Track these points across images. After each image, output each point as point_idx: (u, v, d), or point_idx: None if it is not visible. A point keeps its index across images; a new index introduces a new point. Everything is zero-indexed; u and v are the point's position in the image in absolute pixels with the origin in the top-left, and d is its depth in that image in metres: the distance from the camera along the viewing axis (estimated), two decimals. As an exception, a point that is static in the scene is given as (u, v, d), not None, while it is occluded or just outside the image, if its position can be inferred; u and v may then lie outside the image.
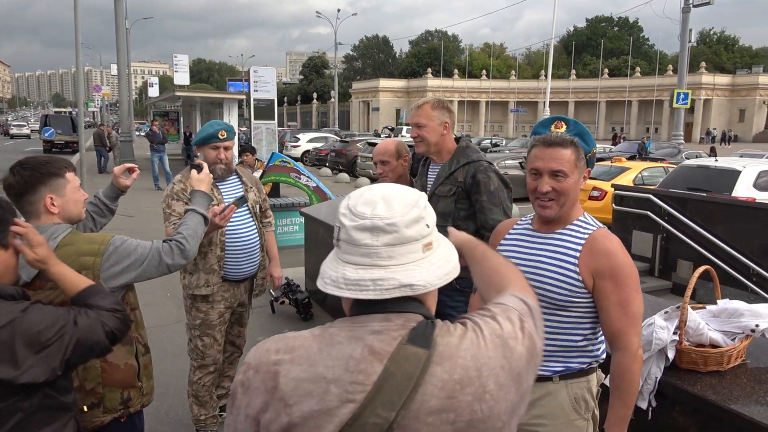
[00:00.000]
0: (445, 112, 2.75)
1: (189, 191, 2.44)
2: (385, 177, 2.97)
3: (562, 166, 1.73)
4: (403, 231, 0.96)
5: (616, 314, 1.74)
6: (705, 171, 9.58)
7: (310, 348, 0.98)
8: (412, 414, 0.91)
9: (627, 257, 1.77)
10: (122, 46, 20.06)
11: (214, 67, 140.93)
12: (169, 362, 4.30)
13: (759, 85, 59.49)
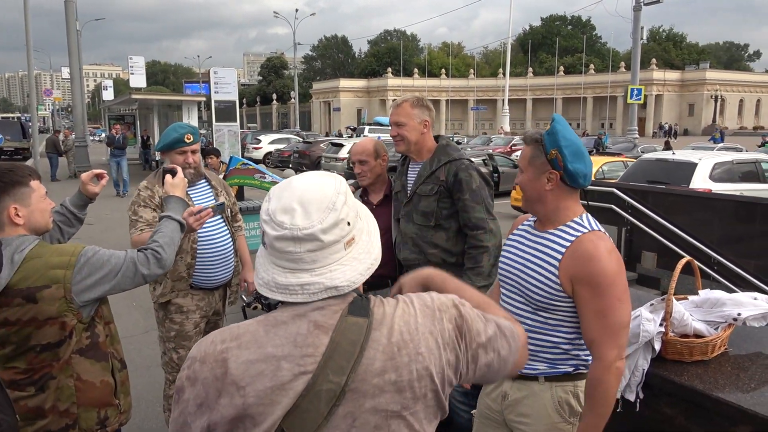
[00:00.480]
0: (425, 111, 2.72)
1: (164, 197, 2.33)
2: (363, 177, 2.93)
3: (521, 162, 1.84)
4: (322, 238, 1.01)
5: (592, 323, 1.71)
6: (663, 164, 9.87)
7: (256, 332, 1.03)
8: (360, 377, 0.99)
9: (611, 264, 1.69)
10: (74, 48, 19.42)
11: (169, 69, 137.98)
12: (139, 375, 4.15)
13: (706, 80, 61.89)
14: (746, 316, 2.06)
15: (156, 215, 2.85)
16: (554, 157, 1.73)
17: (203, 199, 3.01)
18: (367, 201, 3.00)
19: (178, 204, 2.27)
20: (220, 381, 0.99)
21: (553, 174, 1.75)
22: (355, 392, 0.99)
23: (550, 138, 1.75)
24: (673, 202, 6.89)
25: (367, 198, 3.02)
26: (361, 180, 2.95)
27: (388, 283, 2.92)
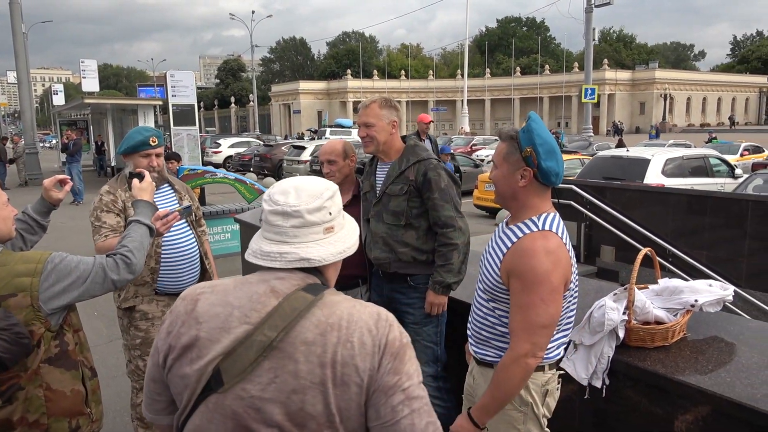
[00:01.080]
0: (393, 111, 2.75)
1: (132, 201, 2.29)
2: (331, 177, 2.94)
3: (495, 157, 1.89)
4: (306, 216, 1.20)
5: (515, 315, 1.79)
6: (618, 161, 10.21)
7: (227, 285, 1.24)
8: (289, 339, 1.12)
9: (543, 263, 1.72)
10: (20, 51, 18.74)
11: (122, 73, 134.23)
12: (104, 385, 4.04)
13: (656, 79, 64.09)
14: (703, 302, 2.17)
15: (120, 220, 2.80)
16: (529, 155, 1.77)
17: (167, 204, 2.97)
18: None
19: (147, 208, 2.23)
20: (188, 315, 1.21)
21: (527, 171, 1.80)
22: (281, 351, 1.11)
23: (526, 136, 1.79)
24: (630, 197, 7.13)
25: None
26: (329, 180, 2.96)
27: (359, 283, 2.95)
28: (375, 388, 1.13)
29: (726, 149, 17.66)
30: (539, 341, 1.77)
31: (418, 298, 2.71)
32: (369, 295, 2.93)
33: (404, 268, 2.71)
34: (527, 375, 1.80)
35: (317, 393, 1.10)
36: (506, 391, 1.80)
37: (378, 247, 2.73)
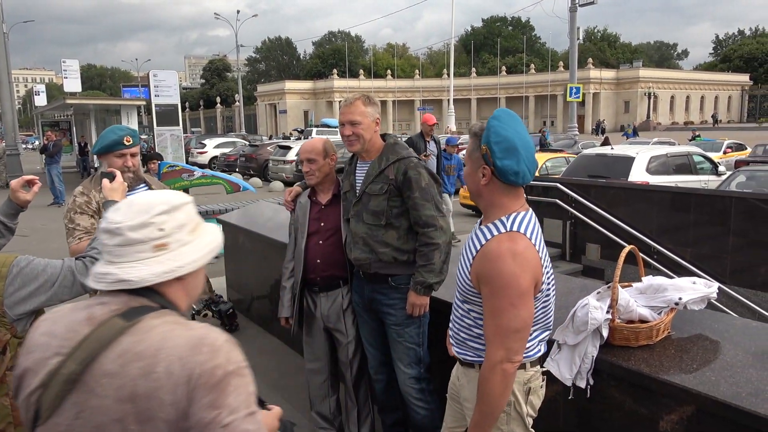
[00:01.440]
0: (376, 108, 2.70)
1: (103, 202, 2.22)
2: (311, 176, 2.88)
3: (466, 156, 1.88)
4: (127, 234, 1.12)
5: (487, 321, 1.76)
6: (603, 159, 10.26)
7: (63, 310, 1.16)
8: (93, 372, 1.04)
9: (510, 266, 1.68)
10: (1, 51, 18.40)
11: (106, 73, 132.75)
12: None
13: (640, 78, 64.64)
14: (687, 300, 2.14)
15: (94, 222, 2.72)
16: (485, 153, 1.75)
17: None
18: (316, 201, 2.95)
19: None
20: (27, 344, 1.15)
21: (486, 169, 1.77)
22: (84, 384, 1.04)
23: (484, 133, 1.77)
24: (614, 195, 7.15)
25: (315, 198, 2.96)
26: (309, 179, 2.90)
27: (340, 284, 2.90)
28: (189, 424, 1.02)
29: (709, 147, 17.86)
30: (513, 346, 1.73)
31: (400, 298, 2.67)
32: (351, 295, 2.88)
33: (385, 268, 2.66)
34: (509, 381, 1.77)
35: (118, 430, 1.02)
36: (492, 403, 1.76)
37: (358, 248, 2.67)
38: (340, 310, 2.88)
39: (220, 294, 5.29)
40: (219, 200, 14.35)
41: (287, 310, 3.03)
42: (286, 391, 3.94)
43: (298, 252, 2.94)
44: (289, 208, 3.11)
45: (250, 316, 5.36)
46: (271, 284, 4.86)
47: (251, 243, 5.19)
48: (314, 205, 2.94)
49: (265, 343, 4.80)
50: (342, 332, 2.90)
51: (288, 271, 3.07)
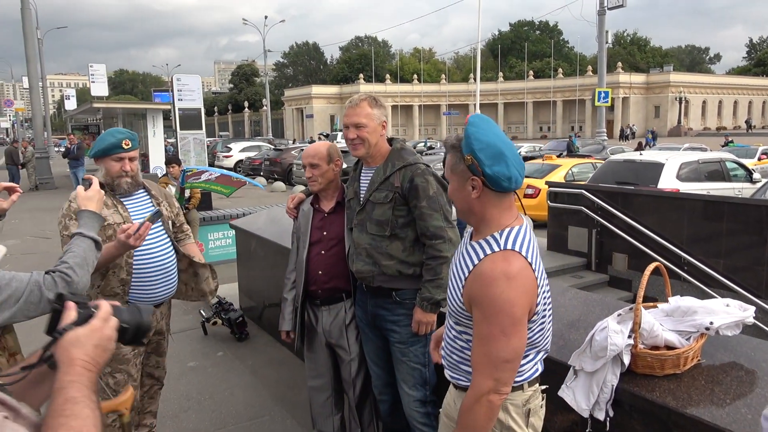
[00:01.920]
0: (383, 110, 2.53)
1: (77, 211, 2.10)
2: (314, 182, 2.72)
3: (445, 171, 1.74)
4: None
5: (476, 347, 1.63)
6: (631, 165, 9.90)
7: None
8: None
9: (506, 293, 1.55)
10: (32, 55, 18.82)
11: (138, 78, 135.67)
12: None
13: (671, 82, 63.24)
14: (719, 325, 1.92)
15: None
16: (471, 163, 1.62)
17: (142, 210, 2.79)
18: (319, 209, 2.79)
19: (92, 219, 2.03)
20: None
21: (475, 180, 1.63)
22: None
23: (465, 143, 1.64)
24: (643, 202, 6.85)
25: (318, 205, 2.80)
26: (312, 185, 2.74)
27: (342, 297, 2.74)
28: None
29: (743, 153, 17.21)
30: (502, 377, 1.59)
31: (405, 315, 2.49)
32: (354, 309, 2.71)
33: (389, 282, 2.48)
34: (493, 413, 1.62)
35: None
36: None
37: (361, 259, 2.51)
38: (342, 326, 2.71)
39: (231, 301, 5.18)
40: (240, 204, 14.38)
41: (288, 323, 2.88)
42: (292, 405, 3.79)
43: (300, 262, 2.79)
44: (291, 215, 2.96)
45: (262, 325, 5.24)
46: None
47: (263, 249, 5.07)
48: (317, 213, 2.78)
49: (275, 353, 4.67)
50: (344, 349, 2.72)
51: (290, 282, 2.92)
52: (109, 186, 2.71)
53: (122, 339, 1.19)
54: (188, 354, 4.70)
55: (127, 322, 1.20)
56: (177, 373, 4.28)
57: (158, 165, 14.67)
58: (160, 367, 3.04)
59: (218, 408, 3.78)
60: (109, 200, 2.70)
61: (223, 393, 4.00)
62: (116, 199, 2.72)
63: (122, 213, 2.69)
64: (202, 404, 3.84)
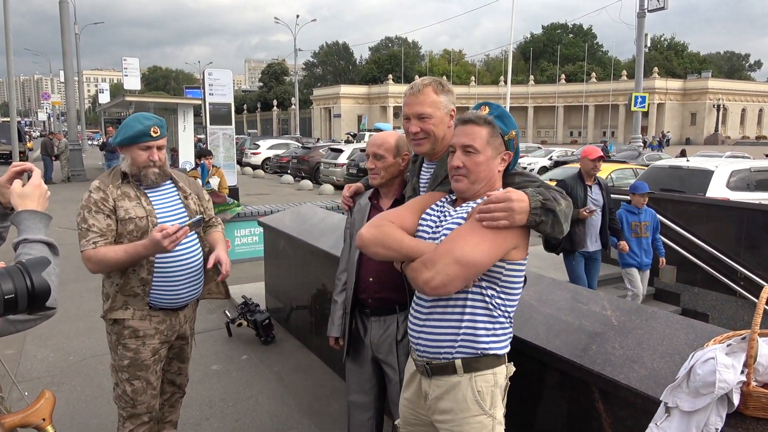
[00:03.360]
0: (451, 96, 2.16)
1: (12, 216, 1.62)
2: (375, 175, 2.38)
3: (473, 141, 1.78)
4: None
5: (441, 244, 1.72)
6: (677, 172, 9.39)
7: None
8: None
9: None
10: (68, 49, 19.02)
11: (170, 75, 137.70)
12: (99, 404, 3.65)
13: (709, 89, 61.54)
14: None
15: (111, 223, 2.38)
16: (512, 138, 1.84)
17: (169, 204, 2.54)
18: (377, 205, 2.45)
19: (34, 219, 1.56)
20: None
21: (507, 155, 1.84)
22: None
23: (507, 120, 1.84)
24: (695, 211, 6.41)
25: (377, 202, 2.46)
26: (373, 178, 2.41)
27: (396, 309, 2.41)
28: None
29: (791, 163, 16.41)
30: (450, 273, 1.69)
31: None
32: (407, 324, 2.37)
33: None
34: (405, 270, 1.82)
35: None
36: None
37: None
38: (393, 342, 2.36)
39: (257, 302, 4.93)
40: (268, 201, 14.24)
41: (337, 329, 2.56)
42: (320, 417, 3.51)
43: (351, 264, 2.46)
44: (345, 206, 2.62)
45: (289, 328, 4.98)
46: (313, 294, 4.46)
47: (293, 249, 4.81)
48: (374, 211, 2.43)
49: (303, 359, 4.40)
50: (393, 367, 2.38)
51: (340, 283, 2.59)
52: (135, 177, 2.46)
53: (13, 311, 0.97)
54: (212, 356, 4.47)
55: (9, 292, 0.98)
56: (199, 377, 4.04)
57: (187, 160, 14.59)
58: (183, 374, 2.79)
59: (242, 417, 3.53)
60: (132, 191, 2.46)
61: (248, 401, 3.74)
62: (140, 190, 2.47)
63: (146, 206, 2.44)
64: (225, 412, 3.59)
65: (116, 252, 2.30)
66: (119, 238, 2.38)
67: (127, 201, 2.42)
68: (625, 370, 1.98)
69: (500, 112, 1.84)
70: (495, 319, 1.77)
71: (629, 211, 5.61)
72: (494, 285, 1.76)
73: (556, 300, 2.55)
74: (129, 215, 2.39)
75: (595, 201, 5.18)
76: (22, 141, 27.49)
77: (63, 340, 4.77)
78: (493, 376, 1.78)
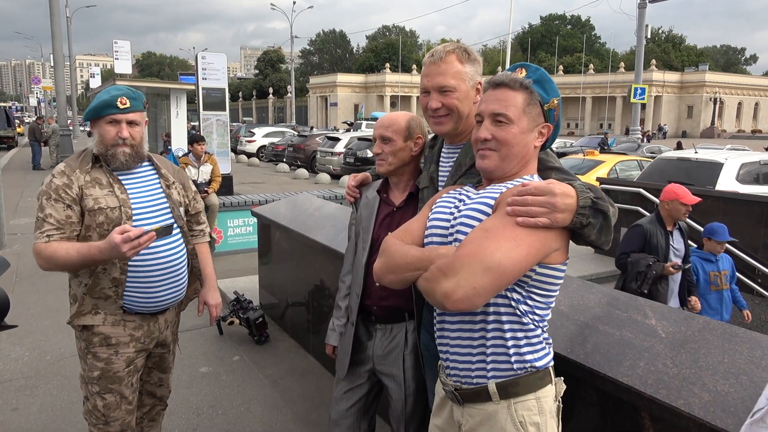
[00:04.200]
0: (478, 66, 1.82)
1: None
2: (382, 161, 2.05)
3: (506, 109, 1.45)
4: None
5: (463, 245, 1.36)
6: (685, 164, 9.12)
7: None
8: None
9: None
10: (57, 31, 18.46)
11: (165, 61, 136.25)
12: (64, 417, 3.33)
13: (706, 82, 61.29)
14: None
15: (71, 214, 2.04)
16: (553, 108, 1.52)
17: (147, 193, 2.20)
18: (387, 199, 2.11)
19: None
20: None
21: (546, 127, 1.52)
22: None
23: (548, 86, 1.51)
24: (710, 205, 6.12)
25: (387, 195, 2.12)
26: (379, 165, 2.07)
27: (405, 317, 2.10)
28: None
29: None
30: (470, 281, 1.36)
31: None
32: (416, 334, 2.06)
33: None
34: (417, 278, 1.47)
35: None
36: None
37: None
38: (400, 353, 2.06)
39: (250, 299, 4.61)
40: (264, 190, 13.89)
41: (336, 337, 2.24)
42: (319, 428, 3.21)
43: (357, 266, 2.13)
44: (350, 198, 2.25)
45: (284, 326, 4.67)
46: (310, 290, 4.15)
47: (289, 242, 4.49)
48: (384, 206, 2.10)
49: (299, 361, 4.09)
50: (397, 382, 2.07)
51: (345, 287, 2.24)
52: (103, 157, 2.12)
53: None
54: (200, 356, 4.15)
55: None
56: (187, 380, 3.73)
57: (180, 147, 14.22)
58: (164, 385, 2.47)
59: (232, 428, 3.22)
60: (104, 177, 2.12)
61: (239, 408, 3.43)
62: (113, 176, 2.14)
63: (119, 195, 2.10)
64: (214, 421, 3.28)
65: (67, 251, 1.97)
66: (87, 232, 2.05)
67: (97, 188, 2.08)
68: (683, 393, 1.68)
69: (539, 76, 1.51)
70: (525, 326, 1.46)
71: (705, 259, 4.47)
72: (521, 289, 1.44)
73: (591, 306, 2.24)
74: (99, 205, 2.05)
75: (677, 251, 4.20)
76: (11, 126, 27.00)
77: (40, 337, 4.44)
78: (536, 402, 1.47)
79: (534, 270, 1.41)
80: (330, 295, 3.84)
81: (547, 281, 1.45)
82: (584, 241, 1.46)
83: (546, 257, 1.40)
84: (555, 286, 1.47)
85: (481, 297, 1.32)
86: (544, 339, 1.51)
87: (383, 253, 1.53)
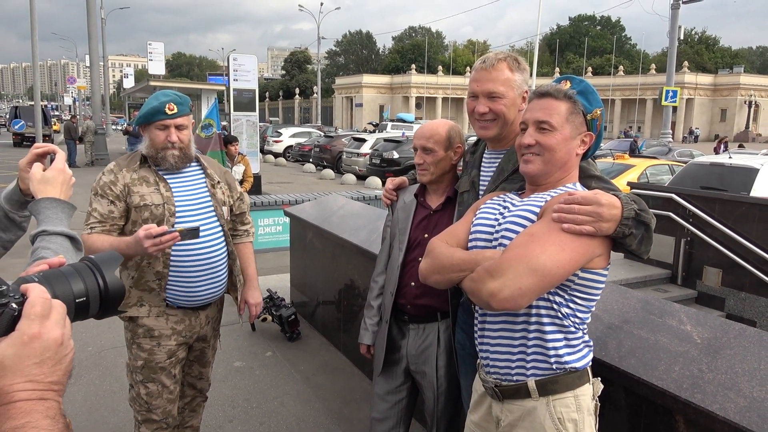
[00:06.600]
0: (526, 75, 1.89)
1: (30, 205, 1.39)
2: (424, 171, 2.12)
3: (550, 117, 1.54)
4: None
5: (510, 249, 1.43)
6: (719, 169, 8.96)
7: None
8: None
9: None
10: (94, 32, 18.99)
11: (194, 62, 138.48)
12: (110, 405, 3.47)
13: (740, 85, 59.82)
14: None
15: (113, 209, 2.19)
16: (596, 118, 1.59)
17: (192, 191, 2.31)
18: (424, 203, 2.19)
19: (53, 209, 1.33)
20: None
21: (588, 136, 1.58)
22: None
23: (592, 97, 1.60)
24: (745, 212, 6.02)
25: (424, 199, 2.21)
26: (421, 175, 2.15)
27: (437, 317, 2.17)
28: None
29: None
30: (516, 281, 1.43)
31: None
32: (449, 333, 2.13)
33: None
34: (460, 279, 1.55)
35: None
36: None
37: None
38: (433, 352, 2.13)
39: (282, 296, 4.72)
40: (292, 190, 14.06)
41: (370, 336, 2.31)
42: (350, 423, 3.29)
43: (392, 267, 2.20)
44: (387, 200, 2.33)
45: (314, 324, 4.77)
46: (340, 289, 4.23)
47: (320, 241, 4.58)
48: (421, 209, 2.18)
49: (330, 358, 4.18)
50: (430, 380, 2.14)
51: (377, 287, 2.32)
52: (153, 159, 2.25)
53: (83, 316, 0.86)
54: (234, 351, 4.27)
55: (80, 294, 0.83)
56: (222, 374, 3.85)
57: (210, 146, 14.49)
58: (203, 379, 2.57)
59: (267, 420, 3.32)
60: (151, 176, 2.24)
61: (272, 402, 3.53)
62: (159, 175, 2.26)
63: (164, 193, 2.21)
64: (249, 414, 3.39)
65: (102, 242, 2.11)
66: (134, 227, 2.17)
67: (144, 186, 2.20)
68: (719, 398, 1.71)
69: (584, 87, 1.60)
70: (566, 328, 1.52)
71: None
72: (563, 292, 1.50)
73: (624, 310, 2.27)
74: (144, 202, 2.18)
75: None
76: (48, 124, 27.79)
77: (81, 329, 4.61)
78: (575, 399, 1.53)
79: (576, 274, 1.47)
80: (360, 294, 3.91)
81: (589, 285, 1.50)
82: (624, 249, 1.50)
83: (589, 262, 1.45)
84: (597, 291, 1.52)
85: (525, 297, 1.39)
86: (583, 342, 1.57)
87: (429, 255, 1.61)
